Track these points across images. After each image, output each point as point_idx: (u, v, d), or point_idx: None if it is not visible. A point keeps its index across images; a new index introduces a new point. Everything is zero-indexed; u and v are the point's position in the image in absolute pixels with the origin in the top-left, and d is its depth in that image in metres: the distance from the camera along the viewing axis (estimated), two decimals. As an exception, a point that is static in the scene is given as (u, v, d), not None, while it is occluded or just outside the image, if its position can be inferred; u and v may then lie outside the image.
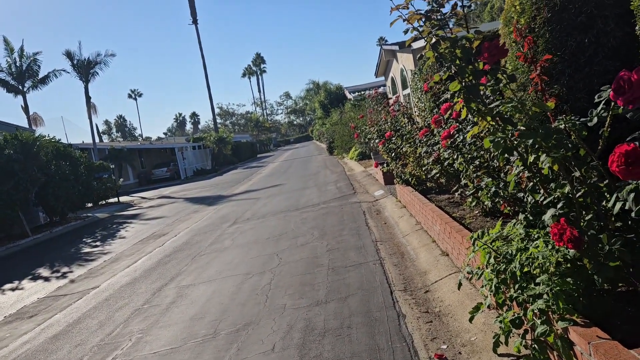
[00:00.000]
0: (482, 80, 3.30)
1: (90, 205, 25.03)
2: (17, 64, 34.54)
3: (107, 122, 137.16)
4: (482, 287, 3.62)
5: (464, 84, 3.25)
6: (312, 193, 15.12)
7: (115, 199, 27.46)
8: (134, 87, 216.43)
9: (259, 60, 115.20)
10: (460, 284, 3.70)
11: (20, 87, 35.00)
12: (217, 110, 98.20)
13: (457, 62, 3.24)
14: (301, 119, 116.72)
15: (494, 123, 3.21)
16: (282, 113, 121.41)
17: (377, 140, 11.44)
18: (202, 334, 5.10)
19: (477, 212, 6.29)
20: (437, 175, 6.29)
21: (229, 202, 17.65)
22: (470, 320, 3.58)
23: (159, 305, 6.44)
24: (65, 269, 10.57)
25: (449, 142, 5.48)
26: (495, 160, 4.82)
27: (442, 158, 6.05)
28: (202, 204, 18.66)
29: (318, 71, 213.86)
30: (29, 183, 16.20)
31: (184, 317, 5.79)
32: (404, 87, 21.35)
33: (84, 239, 14.96)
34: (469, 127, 5.00)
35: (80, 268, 10.38)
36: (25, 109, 36.05)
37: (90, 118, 36.88)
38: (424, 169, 7.87)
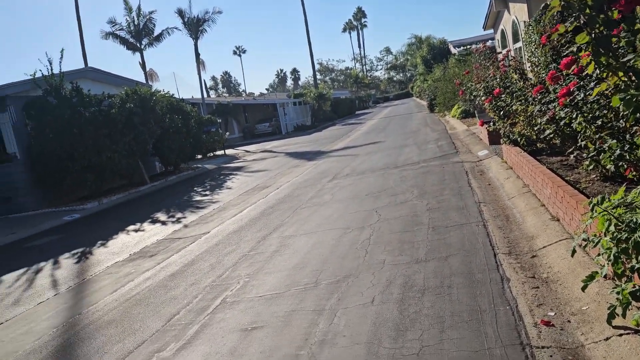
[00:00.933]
0: (615, 32, 3.00)
1: (199, 156, 26.68)
2: (135, 23, 36.99)
3: (213, 78, 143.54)
4: (598, 255, 3.41)
5: (593, 35, 2.96)
6: (411, 151, 14.89)
7: (222, 152, 29.02)
8: (239, 43, 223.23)
9: (359, 14, 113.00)
10: (574, 251, 3.51)
11: (137, 44, 37.56)
12: (316, 67, 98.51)
13: (587, 10, 2.95)
14: (401, 75, 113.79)
15: (625, 79, 2.92)
16: (381, 69, 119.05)
17: (483, 98, 10.89)
18: (304, 283, 5.34)
19: (594, 176, 5.85)
20: (551, 135, 5.89)
21: (328, 158, 17.93)
22: (583, 289, 3.40)
23: (264, 253, 6.81)
24: (179, 215, 11.48)
25: (568, 100, 5.09)
26: (621, 121, 4.41)
27: (557, 117, 5.64)
28: (302, 158, 19.14)
29: (421, 25, 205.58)
30: (147, 135, 17.54)
31: (286, 265, 6.08)
32: (515, 40, 19.91)
33: (195, 188, 16.07)
34: (592, 84, 4.59)
35: (192, 214, 11.21)
36: (143, 65, 38.71)
37: (199, 74, 38.82)
38: (535, 128, 7.41)
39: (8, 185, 15.12)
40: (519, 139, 8.16)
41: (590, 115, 4.83)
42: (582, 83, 4.93)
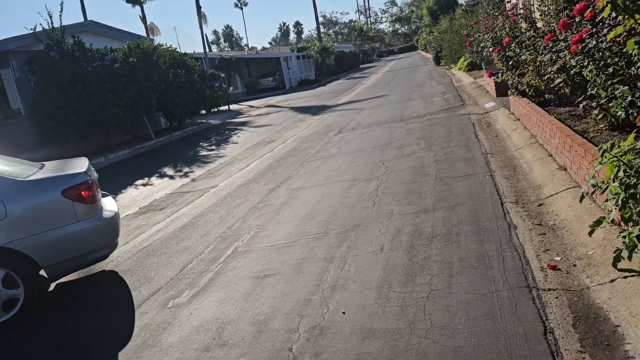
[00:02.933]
0: (633, -27, 2.93)
1: (203, 112, 26.52)
2: (134, -26, 35.97)
3: (215, 32, 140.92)
4: (606, 201, 3.46)
5: (610, -23, 2.90)
6: (417, 104, 14.78)
7: (226, 107, 28.81)
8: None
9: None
10: (582, 197, 3.55)
11: (137, -3, 36.65)
12: (320, 19, 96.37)
13: (605, -49, 2.88)
14: (406, 27, 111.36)
15: (642, 22, 2.88)
16: (386, 21, 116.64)
17: (491, 49, 10.70)
18: (313, 232, 5.45)
19: (602, 125, 5.84)
20: (561, 84, 5.82)
21: (333, 112, 17.82)
22: (590, 233, 3.46)
23: (273, 205, 6.91)
24: (186, 169, 11.56)
25: (579, 48, 5.01)
26: (633, 68, 4.36)
27: (568, 66, 5.57)
28: (307, 113, 19.04)
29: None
30: (151, 89, 17.43)
31: (295, 216, 6.18)
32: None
33: (200, 143, 16.09)
34: (605, 30, 4.52)
35: (199, 169, 11.29)
36: (143, 19, 37.97)
37: (201, 27, 38.03)
38: (544, 78, 7.32)
39: (14, 141, 15.18)
40: (527, 89, 8.08)
41: (602, 62, 4.77)
42: (594, 30, 4.84)
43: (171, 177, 10.98)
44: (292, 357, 3.20)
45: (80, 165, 5.38)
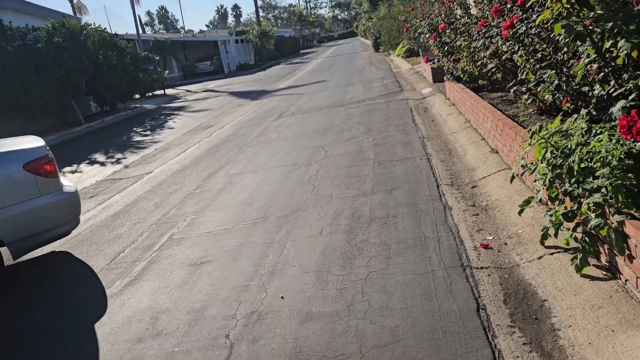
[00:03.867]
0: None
1: (137, 96, 25.52)
2: (59, -51, 33.76)
3: (149, 14, 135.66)
4: (535, 182, 3.59)
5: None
6: (357, 90, 14.86)
7: (162, 91, 27.85)
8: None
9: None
10: (513, 177, 3.67)
11: (63, -27, 34.48)
12: (259, 3, 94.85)
13: None
14: (346, 13, 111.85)
15: (568, 6, 2.97)
16: (326, 7, 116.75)
17: (427, 35, 10.89)
18: (252, 218, 5.35)
19: (531, 110, 6.07)
20: (493, 69, 6.00)
21: (272, 97, 17.62)
22: (520, 212, 3.59)
23: (210, 191, 6.73)
24: (119, 155, 11.06)
25: (510, 33, 5.16)
26: (559, 53, 4.54)
27: (500, 51, 5.73)
28: (246, 98, 18.72)
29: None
30: (79, 72, 16.50)
31: (234, 202, 6.05)
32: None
33: (134, 128, 15.45)
34: (534, 16, 4.66)
35: (133, 155, 10.84)
36: (70, -3, 35.80)
37: (133, 8, 36.44)
38: (478, 64, 7.53)
39: None
40: (461, 75, 8.29)
41: (532, 48, 4.93)
42: (524, 15, 5.00)
43: (102, 164, 10.48)
44: (229, 344, 3.12)
45: (35, 140, 5.25)
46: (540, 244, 3.39)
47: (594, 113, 3.60)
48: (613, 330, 2.47)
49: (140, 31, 38.81)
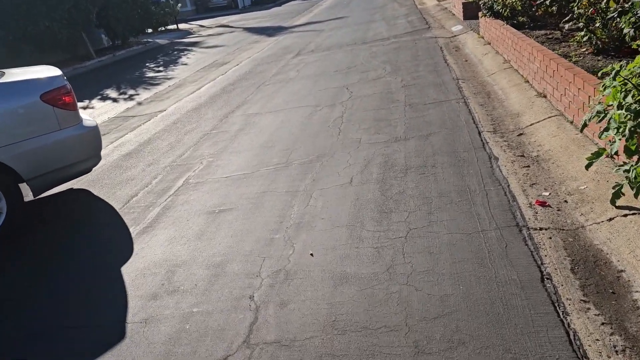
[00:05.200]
0: None
1: (150, 31, 24.61)
2: None
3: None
4: (606, 130, 3.08)
5: None
6: (380, 26, 13.99)
7: (174, 26, 26.89)
8: None
9: None
10: (584, 125, 3.13)
11: None
12: None
13: None
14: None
15: None
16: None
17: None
18: (274, 162, 4.93)
19: (584, 49, 5.45)
20: (548, 2, 5.29)
21: (290, 33, 16.77)
22: (587, 167, 3.11)
23: (227, 132, 6.29)
24: (131, 92, 10.58)
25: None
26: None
27: (556, -19, 5.06)
28: (262, 34, 17.87)
29: None
30: (89, 2, 15.73)
31: (253, 144, 5.62)
32: None
33: (146, 64, 14.85)
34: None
35: (145, 91, 10.35)
36: None
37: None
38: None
39: None
40: (502, 10, 7.54)
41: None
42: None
43: (114, 100, 10.02)
44: (254, 306, 2.79)
45: (51, 70, 4.83)
46: (611, 203, 2.94)
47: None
48: None
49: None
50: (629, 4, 3.81)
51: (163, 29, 26.26)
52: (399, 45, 10.31)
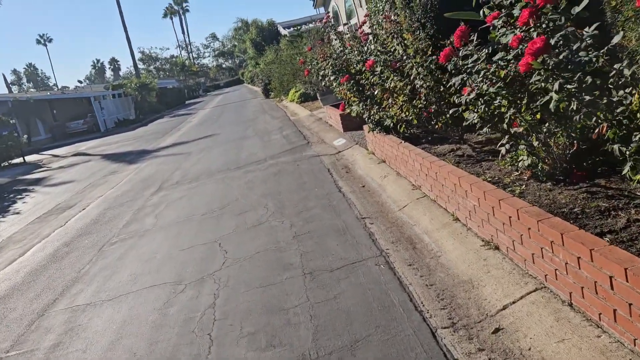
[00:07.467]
0: None
1: (-13, 168, 21.23)
2: None
3: (15, 72, 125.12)
4: None
5: None
6: (254, 144, 12.60)
7: (21, 159, 23.58)
8: (43, 31, 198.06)
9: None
10: None
11: None
12: (138, 55, 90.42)
13: None
14: (230, 61, 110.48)
15: None
16: (209, 56, 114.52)
17: (332, 77, 8.93)
18: None
19: (518, 173, 4.15)
20: (476, 119, 3.95)
21: (154, 158, 14.79)
22: None
23: (33, 351, 3.93)
24: None
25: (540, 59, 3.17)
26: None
27: (481, 92, 3.75)
28: (122, 161, 15.65)
29: (245, 8, 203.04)
30: None
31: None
32: (349, 17, 19.04)
33: (-35, 218, 11.74)
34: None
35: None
36: None
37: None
38: (417, 109, 5.62)
39: None
40: (396, 124, 6.31)
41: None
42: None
43: None
44: None
45: None
46: None
47: None
48: None
49: (7, 91, 33.77)
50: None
51: (7, 163, 22.88)
52: (279, 168, 8.78)
